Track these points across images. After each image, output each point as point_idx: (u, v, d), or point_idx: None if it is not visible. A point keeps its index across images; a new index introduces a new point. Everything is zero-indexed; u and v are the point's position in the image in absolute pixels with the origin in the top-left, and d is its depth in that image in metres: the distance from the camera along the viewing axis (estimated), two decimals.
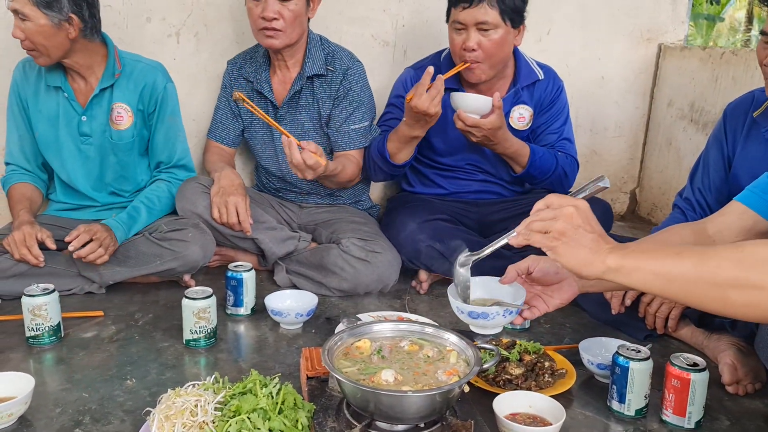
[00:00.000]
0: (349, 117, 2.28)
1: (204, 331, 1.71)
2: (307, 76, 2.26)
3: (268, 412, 1.20)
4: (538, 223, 1.12)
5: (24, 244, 1.95)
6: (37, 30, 1.97)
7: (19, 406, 1.34)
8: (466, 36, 2.09)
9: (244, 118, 2.40)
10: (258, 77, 2.32)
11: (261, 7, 2.10)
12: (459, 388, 1.20)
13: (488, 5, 2.04)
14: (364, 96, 2.30)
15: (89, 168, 2.23)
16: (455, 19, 2.11)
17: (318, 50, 2.28)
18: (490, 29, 2.07)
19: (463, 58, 2.12)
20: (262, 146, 2.40)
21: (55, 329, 1.73)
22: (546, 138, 2.30)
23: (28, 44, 2.01)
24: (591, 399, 1.51)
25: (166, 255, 2.05)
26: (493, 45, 2.09)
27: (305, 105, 2.30)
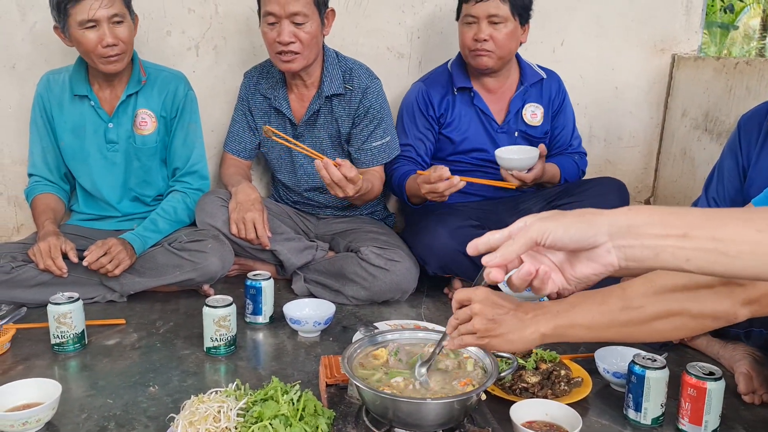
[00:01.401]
0: (370, 135, 2.31)
1: (224, 338, 1.74)
2: (326, 96, 2.28)
3: (289, 419, 1.23)
4: (463, 326, 1.20)
5: (49, 255, 2.00)
6: (129, 31, 2.10)
7: (47, 411, 1.38)
8: (478, 28, 2.22)
9: (260, 132, 2.43)
10: (275, 94, 2.34)
11: (276, 32, 2.11)
12: (477, 395, 1.22)
13: (500, 0, 2.19)
14: (383, 113, 2.33)
15: (115, 174, 2.29)
16: (467, 12, 2.24)
17: (335, 68, 2.29)
18: (500, 22, 2.20)
19: (474, 48, 2.24)
20: (279, 160, 2.43)
21: (80, 337, 1.77)
22: (562, 137, 2.50)
23: (121, 47, 2.09)
24: (607, 407, 1.53)
25: (185, 266, 2.09)
26: (503, 37, 2.23)
27: (324, 123, 2.33)
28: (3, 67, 2.47)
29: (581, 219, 0.77)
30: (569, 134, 2.52)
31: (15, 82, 2.49)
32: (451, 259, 2.14)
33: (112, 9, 2.02)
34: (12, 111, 2.51)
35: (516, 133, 2.41)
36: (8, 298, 1.99)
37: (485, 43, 2.22)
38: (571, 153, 2.52)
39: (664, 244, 0.74)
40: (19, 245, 2.15)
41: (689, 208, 0.78)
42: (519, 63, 2.45)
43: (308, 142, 2.33)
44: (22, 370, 1.67)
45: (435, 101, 2.38)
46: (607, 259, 0.76)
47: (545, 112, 2.44)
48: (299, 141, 2.31)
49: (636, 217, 0.76)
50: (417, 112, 2.40)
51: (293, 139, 2.13)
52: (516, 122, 2.41)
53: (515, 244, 0.80)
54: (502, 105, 2.42)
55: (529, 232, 0.79)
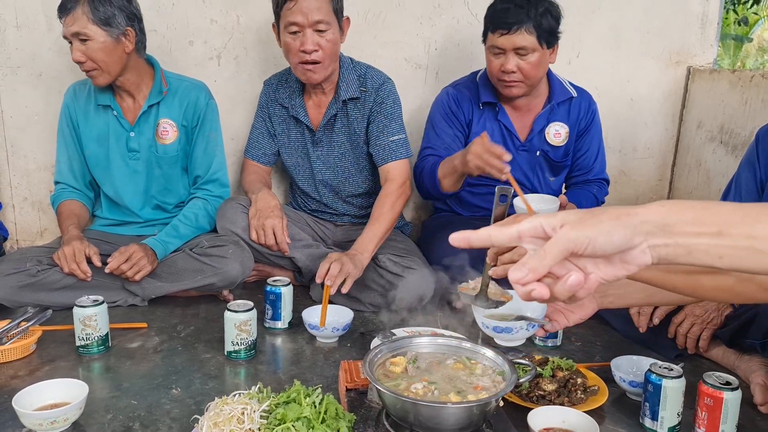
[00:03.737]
0: (384, 129, 2.29)
1: (245, 343, 1.77)
2: (343, 100, 2.30)
3: (311, 421, 1.25)
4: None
5: (74, 260, 2.05)
6: (99, 48, 2.09)
7: (75, 411, 1.41)
8: (505, 59, 2.19)
9: (279, 138, 2.46)
10: (293, 103, 2.35)
11: (300, 41, 2.13)
12: (496, 401, 1.24)
13: (526, 32, 2.12)
14: (397, 109, 2.33)
15: (136, 182, 2.33)
16: (493, 44, 2.19)
17: (350, 73, 2.32)
18: (527, 53, 2.16)
19: (501, 78, 2.22)
20: (296, 167, 2.46)
21: (104, 339, 1.81)
22: (584, 160, 2.46)
23: (89, 65, 2.12)
24: (623, 416, 1.54)
25: (206, 270, 2.13)
26: (530, 67, 2.19)
27: (341, 127, 2.36)
28: (30, 76, 2.53)
29: (619, 222, 0.70)
30: (592, 157, 2.47)
31: (41, 90, 2.55)
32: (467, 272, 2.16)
33: (74, 27, 2.06)
34: (38, 119, 2.57)
35: (538, 152, 2.40)
36: (34, 300, 2.04)
37: (513, 75, 2.20)
38: (592, 181, 2.48)
39: (698, 242, 0.70)
40: (44, 249, 2.19)
41: (722, 203, 0.73)
42: (549, 80, 2.41)
43: (326, 148, 2.37)
44: (48, 370, 1.71)
45: (464, 107, 2.39)
46: (642, 260, 0.71)
47: (570, 132, 2.41)
48: (316, 147, 2.36)
49: (670, 214, 0.71)
50: (449, 115, 2.39)
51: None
52: (539, 141, 2.39)
53: (548, 256, 0.70)
54: (527, 122, 2.40)
55: (563, 243, 0.70)
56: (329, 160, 2.39)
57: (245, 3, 2.58)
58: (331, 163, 2.39)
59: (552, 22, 2.17)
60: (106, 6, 2.08)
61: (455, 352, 1.40)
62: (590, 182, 2.49)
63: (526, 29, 2.12)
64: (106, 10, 2.07)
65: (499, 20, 2.15)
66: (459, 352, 1.40)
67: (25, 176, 2.63)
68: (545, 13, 2.14)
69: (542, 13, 2.13)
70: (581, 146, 2.45)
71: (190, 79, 2.39)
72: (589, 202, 2.39)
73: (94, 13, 2.06)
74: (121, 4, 2.11)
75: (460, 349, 1.40)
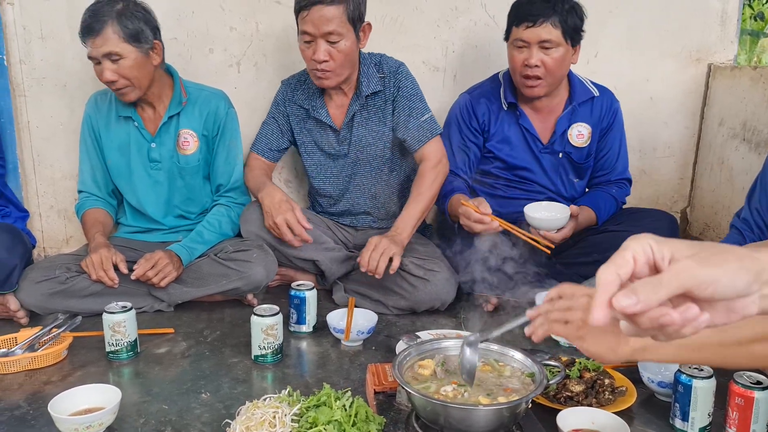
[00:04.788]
0: (412, 111, 2.29)
1: (271, 347, 1.79)
2: (366, 95, 2.29)
3: (342, 424, 1.27)
4: (557, 313, 1.10)
5: (101, 267, 2.08)
6: (131, 65, 2.11)
7: (109, 416, 1.44)
8: (528, 54, 2.17)
9: (299, 139, 2.42)
10: (313, 104, 2.34)
11: (312, 50, 2.13)
12: (526, 403, 1.25)
13: (551, 25, 2.13)
14: (417, 89, 2.33)
15: (158, 192, 2.36)
16: (518, 37, 2.18)
17: (370, 67, 2.30)
18: (552, 47, 2.15)
19: (524, 73, 2.20)
20: (319, 167, 2.43)
21: (133, 345, 1.84)
22: (606, 160, 2.42)
23: (122, 83, 2.13)
24: (653, 417, 1.53)
25: (231, 275, 2.15)
26: (554, 62, 2.17)
27: (364, 121, 2.33)
28: (54, 87, 2.58)
29: (743, 265, 0.62)
30: (614, 156, 2.42)
31: (65, 100, 2.59)
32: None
33: (105, 48, 2.07)
34: (62, 128, 2.61)
35: (560, 154, 2.37)
36: (63, 307, 2.07)
37: (536, 69, 2.17)
38: (614, 181, 2.43)
39: None
40: (72, 256, 2.23)
41: None
42: (570, 80, 2.37)
43: (353, 144, 2.35)
44: (79, 376, 1.74)
45: (479, 113, 2.36)
46: (750, 310, 0.63)
47: (593, 132, 2.38)
48: (342, 145, 2.36)
49: None
50: (461, 123, 2.38)
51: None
52: (561, 143, 2.36)
53: (663, 290, 0.61)
54: (549, 124, 2.37)
55: (684, 278, 0.61)
56: (355, 157, 2.37)
57: (264, 10, 2.60)
58: (357, 159, 2.37)
59: (577, 21, 2.17)
60: (135, 22, 2.10)
61: (483, 355, 1.41)
62: (612, 183, 2.44)
63: (552, 23, 2.12)
64: (135, 27, 2.10)
65: (525, 13, 2.16)
66: (487, 354, 1.41)
67: (50, 185, 2.67)
68: (571, 10, 2.16)
69: (568, 10, 2.14)
70: (603, 146, 2.42)
71: (209, 88, 2.41)
72: (608, 205, 2.35)
73: (124, 31, 2.08)
74: (146, 18, 2.14)
75: (488, 351, 1.41)
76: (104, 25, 2.06)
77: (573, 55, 2.24)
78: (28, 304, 2.07)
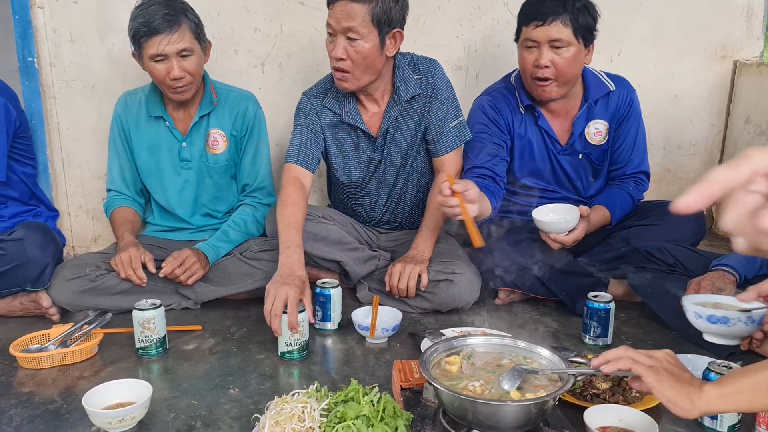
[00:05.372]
0: (446, 115, 2.24)
1: (298, 343, 1.81)
2: (405, 100, 2.22)
3: (371, 419, 1.28)
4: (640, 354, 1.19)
5: (130, 265, 2.12)
6: (198, 61, 2.20)
7: (141, 410, 1.46)
8: (539, 53, 2.11)
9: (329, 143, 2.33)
10: (346, 109, 2.24)
11: (333, 45, 2.08)
12: (554, 399, 1.25)
13: (562, 23, 2.06)
14: (450, 90, 2.26)
15: (187, 190, 2.40)
16: (527, 36, 2.12)
17: (406, 69, 2.22)
18: (563, 47, 2.08)
19: (535, 75, 2.13)
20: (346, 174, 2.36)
21: (162, 341, 1.87)
22: (621, 152, 2.33)
23: (188, 79, 2.18)
24: None
25: (257, 274, 2.18)
26: (565, 62, 2.10)
27: (400, 127, 2.27)
28: (83, 88, 2.63)
29: None
30: (629, 148, 2.32)
31: (94, 101, 2.65)
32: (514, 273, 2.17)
33: (181, 44, 2.12)
34: (91, 129, 2.67)
35: (580, 155, 2.31)
36: (93, 304, 2.11)
37: (546, 70, 2.10)
38: (630, 175, 2.34)
39: None
40: (101, 255, 2.27)
41: None
42: (583, 77, 2.29)
43: (390, 152, 2.29)
44: (110, 371, 1.78)
45: (505, 114, 2.30)
46: None
47: (610, 128, 2.31)
48: (379, 152, 2.29)
49: None
50: (488, 125, 2.27)
51: None
52: (581, 144, 2.30)
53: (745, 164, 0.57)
54: (566, 125, 2.30)
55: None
56: (389, 164, 2.33)
57: (288, 11, 2.63)
58: (391, 165, 2.33)
59: (589, 20, 2.10)
60: (198, 21, 2.19)
61: (511, 352, 1.41)
62: (627, 177, 2.34)
63: (562, 21, 2.06)
64: (198, 25, 2.18)
65: (534, 11, 2.09)
66: (515, 351, 1.41)
67: (79, 185, 2.72)
68: (582, 9, 2.08)
69: (579, 8, 2.07)
70: (618, 137, 2.32)
71: (238, 89, 2.44)
72: (623, 203, 2.27)
73: (193, 29, 2.15)
74: (198, 17, 2.21)
75: (516, 349, 1.42)
76: (178, 23, 2.11)
77: (586, 55, 2.16)
78: (60, 301, 2.12)
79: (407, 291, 2.13)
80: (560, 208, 2.12)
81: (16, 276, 2.06)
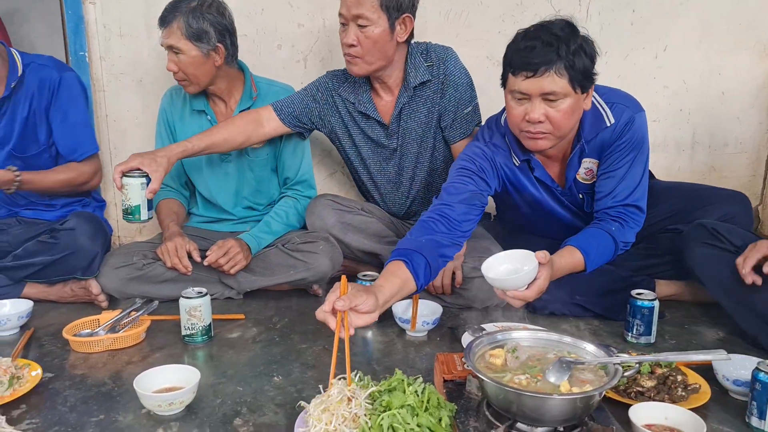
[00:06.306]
0: (458, 102, 2.24)
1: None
2: (413, 87, 2.24)
3: (416, 409, 1.29)
4: None
5: (176, 255, 2.17)
6: (189, 61, 2.20)
7: (189, 394, 1.50)
8: (530, 107, 1.79)
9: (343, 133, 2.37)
10: (360, 98, 2.29)
11: (345, 33, 2.13)
12: (600, 395, 1.25)
13: (556, 74, 1.73)
14: (463, 76, 2.25)
15: (229, 184, 2.44)
16: (516, 88, 1.79)
17: (417, 57, 2.24)
18: (558, 99, 1.76)
19: (526, 129, 1.84)
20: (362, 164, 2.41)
21: (207, 329, 1.91)
22: (603, 184, 1.96)
23: (180, 75, 2.24)
24: (727, 415, 1.50)
25: (298, 266, 2.21)
26: (561, 116, 1.79)
27: (412, 113, 2.29)
28: (131, 82, 2.69)
29: None
30: (616, 178, 1.94)
31: (141, 95, 2.71)
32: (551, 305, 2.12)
33: (170, 40, 2.18)
34: (138, 122, 2.73)
35: (580, 195, 2.07)
36: (139, 292, 2.17)
37: (539, 125, 1.80)
38: (613, 210, 1.94)
39: None
40: (148, 244, 2.33)
41: None
42: None
43: (402, 138, 2.31)
44: (157, 357, 1.82)
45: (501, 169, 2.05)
46: None
47: (600, 164, 2.00)
48: (390, 139, 2.32)
49: None
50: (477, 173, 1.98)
51: None
52: (577, 185, 2.05)
53: None
54: (562, 168, 2.05)
55: None
56: (405, 150, 2.35)
57: (331, 7, 2.65)
58: (407, 152, 2.35)
59: (586, 62, 1.75)
60: (200, 23, 2.18)
61: (556, 346, 1.41)
62: (611, 212, 1.94)
63: (557, 71, 1.72)
64: (199, 27, 2.17)
65: (522, 61, 1.75)
66: (560, 346, 1.41)
67: None
68: (578, 52, 1.73)
69: (575, 52, 1.72)
70: (605, 167, 1.97)
71: (279, 84, 2.47)
72: (602, 245, 1.87)
73: (187, 30, 2.17)
74: (215, 21, 2.21)
75: (561, 344, 1.41)
76: (173, 20, 2.17)
77: (585, 100, 1.84)
78: (108, 288, 2.18)
79: (443, 288, 2.15)
80: (515, 256, 1.65)
81: (67, 264, 2.14)
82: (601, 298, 2.09)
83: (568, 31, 1.75)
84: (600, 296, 2.09)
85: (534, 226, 2.28)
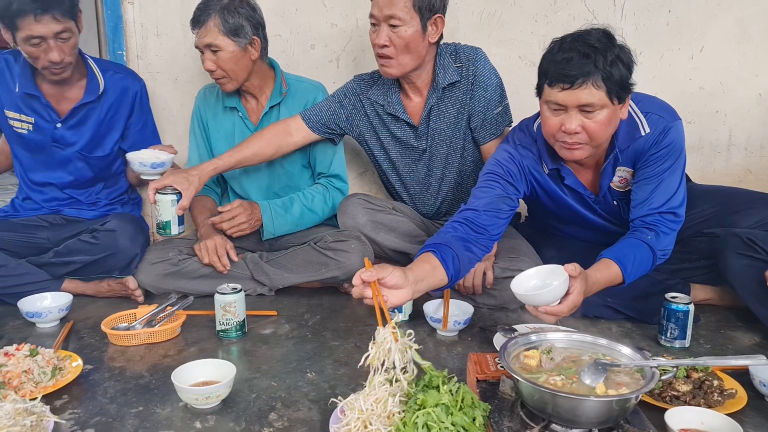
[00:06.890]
0: (489, 101, 2.24)
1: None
2: (442, 87, 2.24)
3: (450, 408, 1.30)
4: None
5: (215, 253, 2.22)
6: (228, 57, 2.23)
7: (225, 389, 1.53)
8: (566, 117, 1.78)
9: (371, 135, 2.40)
10: (389, 100, 2.31)
11: (376, 34, 2.14)
12: (636, 398, 1.24)
13: (593, 85, 1.70)
14: (492, 77, 2.25)
15: (260, 178, 2.48)
16: (552, 99, 1.78)
17: (446, 58, 2.24)
18: (595, 110, 1.75)
19: (562, 140, 1.83)
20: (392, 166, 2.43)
21: (241, 325, 1.94)
22: (640, 190, 1.93)
23: (219, 73, 2.27)
24: (764, 421, 1.49)
25: (330, 264, 2.23)
26: (597, 126, 1.77)
27: (441, 113, 2.29)
28: (167, 80, 2.74)
29: None
30: (650, 186, 1.91)
31: (177, 92, 2.76)
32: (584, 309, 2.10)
33: (207, 39, 2.22)
34: (173, 119, 2.78)
35: (615, 202, 2.06)
36: (174, 287, 2.21)
37: (576, 136, 1.79)
38: (649, 218, 1.89)
39: None
40: (183, 240, 2.37)
41: None
42: None
43: (431, 140, 2.32)
44: (193, 351, 1.86)
45: (531, 173, 2.05)
46: None
47: (635, 172, 1.98)
48: (420, 140, 2.33)
49: None
50: (505, 177, 2.00)
51: None
52: (612, 193, 2.03)
53: None
54: (596, 175, 2.03)
55: None
56: (435, 151, 2.36)
57: (364, 7, 2.64)
58: (436, 153, 2.36)
59: (624, 72, 1.73)
60: (236, 17, 2.22)
61: (591, 348, 1.41)
62: (647, 220, 1.89)
63: (594, 83, 1.70)
64: (235, 22, 2.21)
65: (559, 73, 1.73)
66: (595, 348, 1.41)
67: None
68: (615, 62, 1.70)
69: (612, 62, 1.70)
70: (640, 176, 1.94)
71: (308, 80, 2.50)
72: (640, 257, 1.81)
73: (225, 25, 2.20)
74: (248, 15, 2.25)
75: (596, 346, 1.41)
76: (208, 18, 2.20)
77: (621, 109, 1.82)
78: (144, 283, 2.23)
79: (473, 288, 2.15)
80: (544, 271, 1.66)
81: (106, 264, 2.19)
82: (634, 301, 2.08)
83: (605, 42, 1.72)
84: (633, 299, 2.07)
85: (565, 228, 2.28)
